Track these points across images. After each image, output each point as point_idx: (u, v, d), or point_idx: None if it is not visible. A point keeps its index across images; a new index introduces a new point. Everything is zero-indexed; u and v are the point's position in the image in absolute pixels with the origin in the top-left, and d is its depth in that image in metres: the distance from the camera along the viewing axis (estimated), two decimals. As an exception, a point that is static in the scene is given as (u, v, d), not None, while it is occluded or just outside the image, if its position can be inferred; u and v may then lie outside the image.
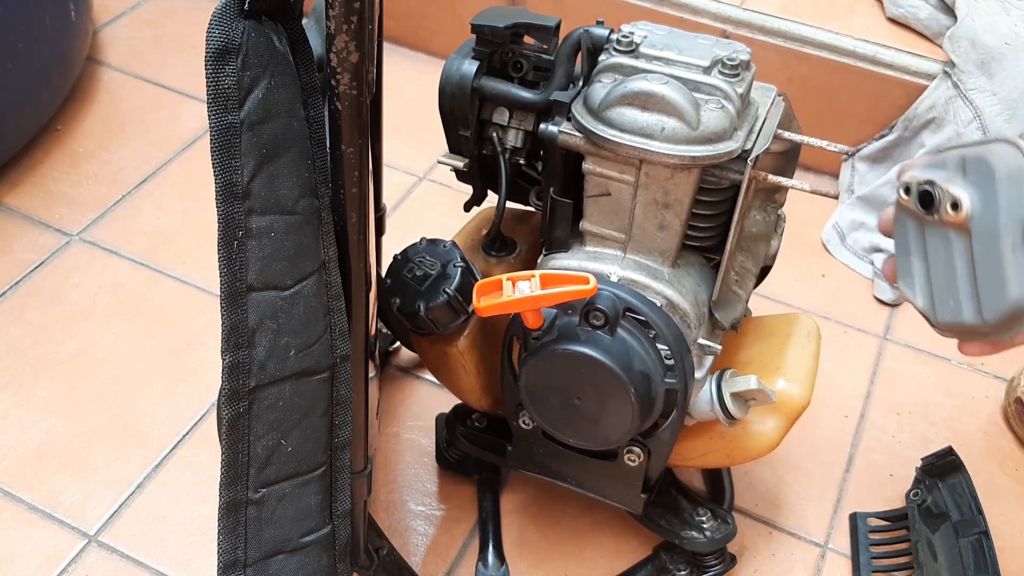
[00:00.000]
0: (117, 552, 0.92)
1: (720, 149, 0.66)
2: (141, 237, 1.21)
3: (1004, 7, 1.24)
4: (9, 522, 0.93)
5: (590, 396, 0.71)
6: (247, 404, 0.62)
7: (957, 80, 1.20)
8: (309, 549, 0.70)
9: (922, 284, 0.64)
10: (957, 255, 0.62)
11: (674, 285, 0.72)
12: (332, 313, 0.64)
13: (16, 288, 1.15)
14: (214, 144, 0.55)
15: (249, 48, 0.53)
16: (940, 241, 0.62)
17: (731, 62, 0.67)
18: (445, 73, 0.73)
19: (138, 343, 1.10)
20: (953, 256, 0.62)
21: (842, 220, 1.26)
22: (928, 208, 0.61)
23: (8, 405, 1.03)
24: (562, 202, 0.73)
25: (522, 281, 0.66)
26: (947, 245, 0.62)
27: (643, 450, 0.78)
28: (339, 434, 0.68)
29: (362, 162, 0.59)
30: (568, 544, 0.95)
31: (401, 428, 1.03)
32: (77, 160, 1.31)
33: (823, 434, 1.05)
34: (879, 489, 1.01)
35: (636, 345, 0.70)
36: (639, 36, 0.69)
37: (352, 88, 0.56)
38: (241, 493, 0.65)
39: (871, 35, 1.27)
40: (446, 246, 0.77)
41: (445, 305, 0.73)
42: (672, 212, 0.70)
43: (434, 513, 0.96)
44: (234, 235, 0.57)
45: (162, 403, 1.04)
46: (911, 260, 0.65)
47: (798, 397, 0.78)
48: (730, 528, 0.86)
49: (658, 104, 0.65)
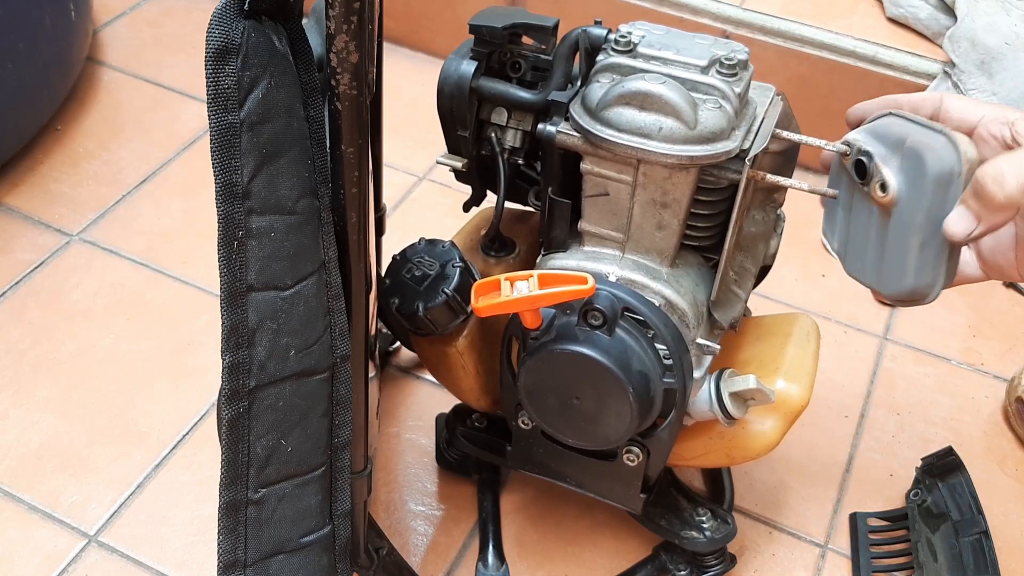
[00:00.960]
0: (117, 552, 0.92)
1: (718, 149, 0.66)
2: (141, 237, 1.22)
3: (1004, 7, 1.24)
4: (9, 522, 0.94)
5: (589, 396, 0.71)
6: (247, 404, 0.62)
7: (957, 80, 1.20)
8: (309, 549, 0.70)
9: (841, 233, 0.68)
10: (873, 227, 0.64)
11: (672, 285, 0.72)
12: (332, 313, 0.64)
13: (16, 288, 1.15)
14: (214, 144, 0.55)
15: (249, 48, 0.53)
16: (864, 208, 0.65)
17: (729, 62, 0.67)
18: (443, 73, 0.73)
19: (138, 343, 1.10)
20: (870, 226, 0.64)
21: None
22: (861, 178, 0.64)
23: (8, 405, 1.03)
24: (560, 202, 0.73)
25: (520, 281, 0.66)
26: (869, 214, 0.64)
27: (642, 450, 0.78)
28: (339, 434, 0.68)
29: (362, 162, 0.59)
30: (568, 544, 0.95)
31: (401, 428, 1.03)
32: (77, 160, 1.31)
33: (823, 434, 1.05)
34: (879, 489, 1.01)
35: (635, 345, 0.70)
36: (637, 36, 0.69)
37: (352, 88, 0.56)
38: (241, 493, 0.65)
39: (871, 35, 1.28)
40: (445, 246, 0.77)
41: (444, 305, 0.74)
42: (670, 212, 0.70)
43: (434, 513, 0.97)
44: (234, 235, 0.57)
45: (162, 403, 1.04)
46: (837, 208, 0.68)
47: (797, 397, 0.78)
48: (730, 528, 0.86)
49: (656, 104, 0.65)
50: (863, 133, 0.65)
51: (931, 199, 0.60)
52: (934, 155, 0.59)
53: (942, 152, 0.59)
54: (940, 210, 0.60)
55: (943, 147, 0.59)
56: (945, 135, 0.59)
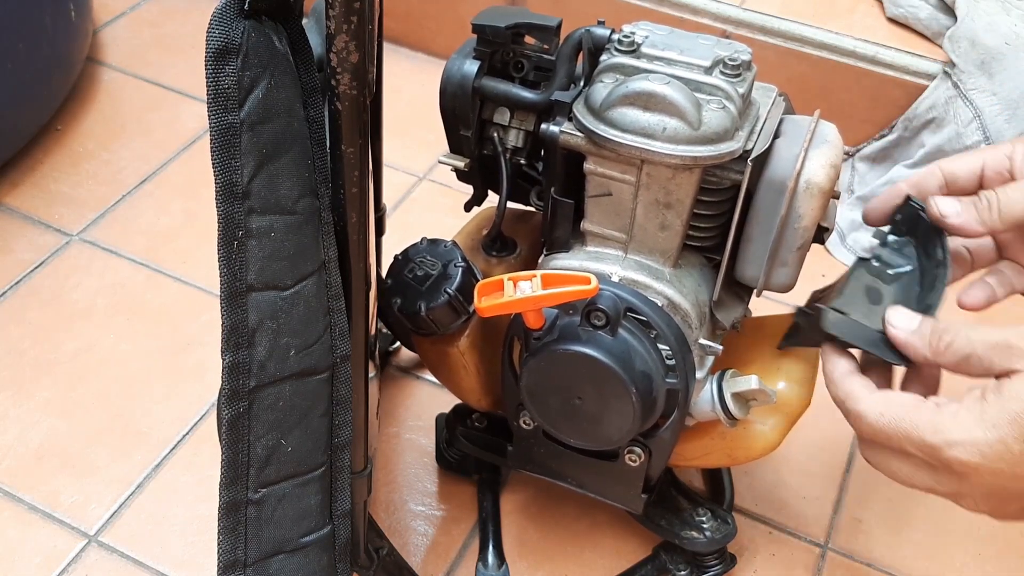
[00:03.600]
0: (117, 552, 0.92)
1: (722, 149, 0.65)
2: (141, 237, 1.21)
3: (1004, 7, 1.24)
4: (9, 522, 0.93)
5: (591, 396, 0.71)
6: (247, 404, 0.62)
7: (957, 80, 1.20)
8: (309, 549, 0.70)
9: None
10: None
11: (675, 285, 0.72)
12: (332, 313, 0.64)
13: (16, 288, 1.15)
14: (214, 144, 0.55)
15: (249, 48, 0.53)
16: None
17: (732, 62, 0.67)
18: (446, 73, 0.73)
19: (138, 343, 1.10)
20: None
21: (842, 220, 1.26)
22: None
23: (8, 405, 1.03)
24: (563, 202, 0.73)
25: (523, 281, 0.66)
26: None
27: (644, 450, 0.78)
28: (339, 434, 0.68)
29: (362, 162, 0.59)
30: (568, 544, 0.94)
31: (401, 428, 1.03)
32: (77, 160, 1.31)
33: (823, 434, 1.05)
34: (879, 489, 1.00)
35: (637, 345, 0.70)
36: (640, 36, 0.69)
37: (352, 88, 0.56)
38: (241, 493, 0.65)
39: (871, 35, 1.27)
40: (447, 246, 0.77)
41: (446, 305, 0.73)
42: (673, 212, 0.70)
43: (434, 513, 0.96)
44: (234, 235, 0.57)
45: (162, 403, 1.04)
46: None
47: (799, 397, 0.78)
48: (730, 528, 0.86)
49: (660, 104, 0.65)
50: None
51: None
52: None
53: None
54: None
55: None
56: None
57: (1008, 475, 0.51)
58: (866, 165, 1.30)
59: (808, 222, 0.67)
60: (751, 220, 0.68)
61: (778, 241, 0.67)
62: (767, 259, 0.68)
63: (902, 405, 0.57)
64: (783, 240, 0.68)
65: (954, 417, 0.53)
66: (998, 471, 0.51)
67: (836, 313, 0.66)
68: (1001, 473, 0.51)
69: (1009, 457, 0.50)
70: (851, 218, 1.26)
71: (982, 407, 0.52)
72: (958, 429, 0.53)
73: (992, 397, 0.52)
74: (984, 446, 0.51)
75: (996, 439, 0.51)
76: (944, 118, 1.20)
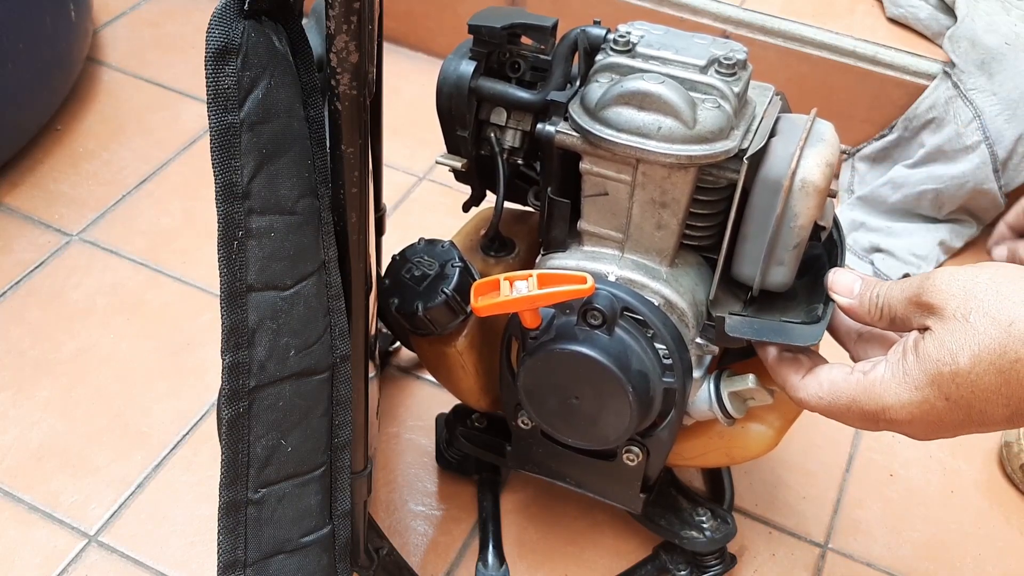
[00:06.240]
0: (117, 552, 0.92)
1: (717, 148, 0.66)
2: (141, 237, 1.22)
3: (1004, 7, 1.24)
4: (9, 522, 0.94)
5: (588, 396, 0.72)
6: (247, 404, 0.62)
7: (957, 80, 1.20)
8: (309, 549, 0.70)
9: None
10: None
11: (672, 284, 0.72)
12: (332, 313, 0.64)
13: (16, 288, 1.15)
14: (214, 144, 0.55)
15: (249, 48, 0.53)
16: None
17: (728, 61, 0.67)
18: (442, 73, 0.73)
19: (138, 343, 1.10)
20: None
21: (842, 220, 1.26)
22: None
23: (8, 405, 1.03)
24: (560, 202, 0.73)
25: (520, 281, 0.66)
26: None
27: (642, 450, 0.78)
28: (339, 434, 0.68)
29: (362, 162, 0.59)
30: (568, 544, 0.95)
31: (401, 428, 1.03)
32: (77, 160, 1.31)
33: (823, 434, 1.05)
34: (879, 489, 1.01)
35: (634, 344, 0.70)
36: (636, 36, 0.69)
37: (352, 88, 0.56)
38: (241, 493, 0.65)
39: (871, 35, 1.27)
40: (444, 246, 0.77)
41: (443, 305, 0.74)
42: (669, 211, 0.70)
43: (434, 513, 0.97)
44: (234, 235, 0.57)
45: (162, 403, 1.04)
46: None
47: (797, 397, 0.78)
48: (730, 528, 0.86)
49: (655, 103, 0.65)
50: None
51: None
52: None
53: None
54: None
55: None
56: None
57: (937, 423, 0.57)
58: (866, 165, 1.31)
59: (804, 221, 0.67)
60: (747, 219, 0.68)
61: (774, 240, 0.68)
62: (763, 258, 0.68)
63: (832, 383, 0.62)
64: (779, 239, 0.68)
65: (882, 384, 0.58)
66: (930, 421, 0.57)
67: (734, 316, 0.70)
68: (932, 422, 0.57)
69: (936, 412, 0.56)
70: (851, 218, 1.26)
71: (904, 369, 0.57)
72: (888, 395, 0.58)
73: (911, 358, 0.57)
74: (912, 407, 0.57)
75: (921, 399, 0.56)
76: (944, 118, 1.20)
